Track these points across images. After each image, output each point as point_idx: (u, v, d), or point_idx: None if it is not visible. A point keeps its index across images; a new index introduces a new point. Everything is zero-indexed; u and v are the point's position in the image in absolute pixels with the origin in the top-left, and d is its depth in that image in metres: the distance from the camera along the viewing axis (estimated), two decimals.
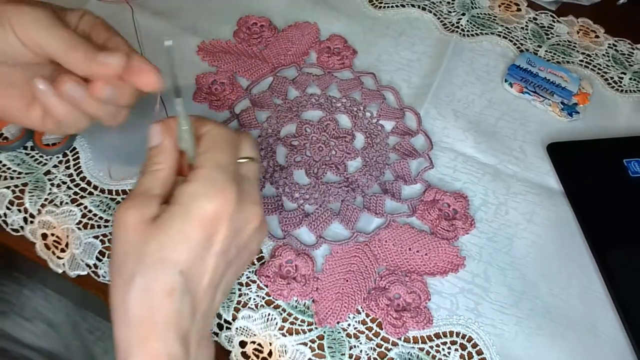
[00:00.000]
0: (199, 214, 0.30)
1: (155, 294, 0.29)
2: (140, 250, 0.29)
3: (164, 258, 0.29)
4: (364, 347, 0.40)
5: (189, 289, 0.30)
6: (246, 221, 0.32)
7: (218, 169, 0.31)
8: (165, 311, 0.29)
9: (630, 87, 0.57)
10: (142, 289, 0.29)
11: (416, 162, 0.49)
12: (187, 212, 0.30)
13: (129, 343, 0.29)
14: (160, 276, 0.29)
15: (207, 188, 0.30)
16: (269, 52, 0.55)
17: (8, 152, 0.46)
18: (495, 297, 0.42)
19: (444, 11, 0.61)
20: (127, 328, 0.29)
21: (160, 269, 0.29)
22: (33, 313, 0.54)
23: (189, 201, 0.30)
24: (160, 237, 0.29)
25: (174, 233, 0.30)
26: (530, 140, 0.52)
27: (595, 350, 0.41)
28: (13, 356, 0.51)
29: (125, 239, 0.30)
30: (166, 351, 0.29)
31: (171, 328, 0.29)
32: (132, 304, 0.29)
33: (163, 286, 0.29)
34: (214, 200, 0.30)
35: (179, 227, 0.30)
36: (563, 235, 0.46)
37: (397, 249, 0.43)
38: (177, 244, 0.30)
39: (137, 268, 0.29)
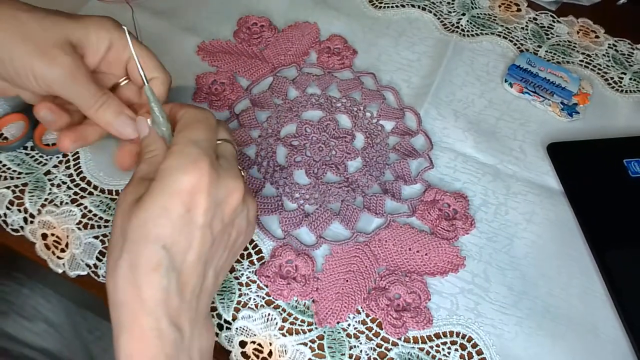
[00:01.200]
0: (175, 187, 0.30)
1: (141, 270, 0.30)
2: (125, 229, 0.30)
3: (147, 233, 0.30)
4: (364, 347, 0.40)
5: (174, 265, 0.30)
6: (226, 194, 0.32)
7: (190, 144, 0.32)
8: (151, 287, 0.30)
9: (630, 87, 0.57)
10: (128, 266, 0.30)
11: (416, 162, 0.49)
12: (164, 186, 0.31)
13: (119, 321, 0.30)
14: (144, 251, 0.30)
15: (180, 162, 0.31)
16: (269, 52, 0.55)
17: (8, 152, 0.46)
18: (495, 297, 0.42)
19: (444, 11, 0.61)
20: (116, 307, 0.30)
21: (144, 244, 0.30)
22: (33, 312, 0.54)
23: (165, 176, 0.31)
24: (141, 214, 0.30)
25: (154, 208, 0.30)
26: (530, 140, 0.52)
27: (595, 350, 0.41)
28: (13, 355, 0.51)
29: (119, 221, 0.31)
30: (155, 326, 0.30)
31: (159, 304, 0.30)
32: (120, 281, 0.30)
33: (148, 261, 0.30)
34: (188, 173, 0.31)
35: (158, 201, 0.30)
36: (563, 235, 0.46)
37: (397, 249, 0.43)
38: (158, 219, 0.30)
39: (123, 246, 0.30)
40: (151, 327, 0.30)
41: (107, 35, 0.38)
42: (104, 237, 0.43)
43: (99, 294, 0.42)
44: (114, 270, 0.30)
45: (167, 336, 0.30)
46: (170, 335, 0.30)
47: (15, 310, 0.54)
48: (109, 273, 0.31)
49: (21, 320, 0.53)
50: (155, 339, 0.30)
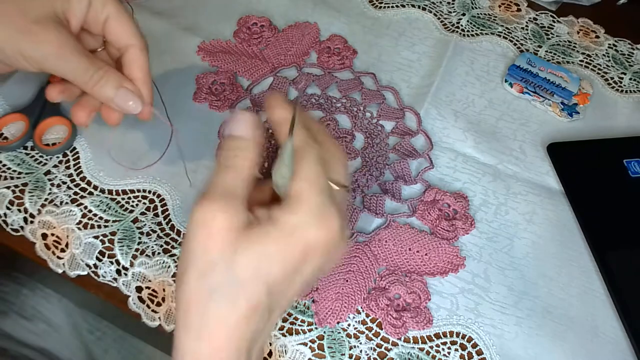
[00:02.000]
0: (302, 241, 0.28)
1: (240, 308, 0.27)
2: (232, 260, 0.27)
3: (258, 274, 0.27)
4: (364, 347, 0.40)
5: (270, 307, 0.28)
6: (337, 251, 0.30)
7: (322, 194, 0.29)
8: (245, 328, 0.27)
9: (631, 87, 0.57)
10: (228, 301, 0.27)
11: (416, 162, 0.49)
12: (290, 238, 0.28)
13: (199, 353, 0.27)
14: (249, 291, 0.27)
15: (312, 220, 0.28)
16: (269, 52, 0.55)
17: (8, 152, 0.46)
18: (495, 297, 0.42)
19: (444, 11, 0.61)
20: (200, 337, 0.27)
21: (252, 283, 0.27)
22: (33, 312, 0.54)
23: (294, 229, 0.28)
24: (256, 250, 0.27)
25: (271, 251, 0.27)
26: (530, 140, 0.52)
27: (595, 350, 0.41)
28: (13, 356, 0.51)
29: (212, 245, 0.27)
30: None
31: (245, 343, 0.28)
32: (213, 314, 0.27)
33: (249, 302, 0.27)
34: (319, 231, 0.28)
35: (282, 247, 0.28)
36: (563, 236, 0.46)
37: (397, 249, 0.43)
38: (273, 263, 0.27)
39: (225, 278, 0.27)
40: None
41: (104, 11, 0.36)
42: (103, 237, 0.43)
43: (98, 293, 0.42)
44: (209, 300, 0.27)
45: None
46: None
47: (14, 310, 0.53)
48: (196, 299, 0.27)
49: (21, 320, 0.53)
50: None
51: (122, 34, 0.37)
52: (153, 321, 0.41)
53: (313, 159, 0.29)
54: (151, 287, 0.41)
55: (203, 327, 0.27)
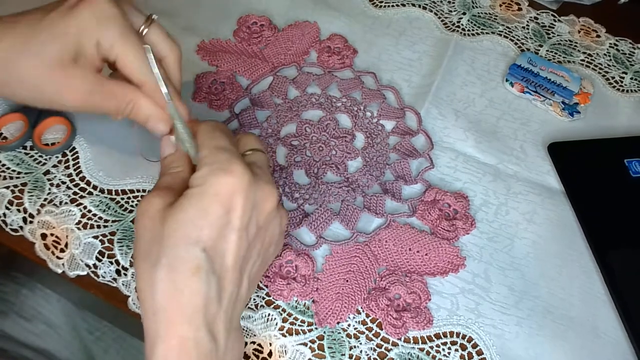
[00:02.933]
0: (214, 189, 0.30)
1: (181, 274, 0.29)
2: (162, 233, 0.30)
3: (186, 236, 0.29)
4: (364, 348, 0.40)
5: (213, 269, 0.30)
6: (262, 198, 0.32)
7: (219, 151, 0.32)
8: (191, 291, 0.29)
9: (632, 86, 0.56)
10: (168, 270, 0.29)
11: (416, 162, 0.49)
12: (203, 190, 0.30)
13: (155, 330, 0.29)
14: (184, 254, 0.29)
15: (214, 167, 0.31)
16: (269, 51, 0.55)
17: (7, 152, 0.46)
18: (496, 297, 0.42)
19: (444, 10, 0.61)
20: (154, 314, 0.29)
21: (183, 247, 0.29)
22: (32, 313, 0.54)
23: (202, 182, 0.31)
24: (179, 216, 0.30)
25: (192, 211, 0.30)
26: (531, 140, 0.52)
27: (596, 350, 0.40)
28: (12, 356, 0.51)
29: (150, 226, 0.30)
30: (193, 335, 0.29)
31: (198, 310, 0.29)
32: (159, 286, 0.29)
33: (188, 265, 0.29)
34: (226, 176, 0.31)
35: (197, 205, 0.30)
36: (564, 236, 0.46)
37: (397, 249, 0.43)
38: (197, 221, 0.30)
39: (161, 250, 0.29)
40: (189, 337, 0.29)
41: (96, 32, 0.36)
42: (103, 237, 0.43)
43: (98, 293, 0.42)
44: (151, 276, 0.29)
45: (204, 346, 0.29)
46: (207, 345, 0.29)
47: (14, 311, 0.53)
48: (143, 281, 0.30)
49: (20, 321, 0.53)
50: (193, 349, 0.29)
51: (131, 75, 0.37)
52: None
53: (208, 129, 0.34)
54: None
55: (153, 303, 0.29)
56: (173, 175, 0.34)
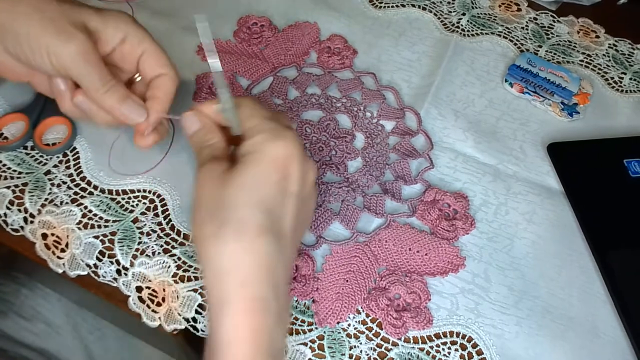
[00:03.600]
0: (272, 155, 0.31)
1: (247, 235, 0.30)
2: (223, 197, 0.31)
3: (248, 199, 0.30)
4: (364, 347, 0.40)
5: (275, 230, 0.31)
6: (308, 168, 0.34)
7: (270, 120, 0.33)
8: (259, 252, 0.30)
9: (631, 87, 0.57)
10: (234, 233, 0.30)
11: (416, 162, 0.49)
12: (260, 156, 0.32)
13: (222, 292, 0.29)
14: (249, 216, 0.30)
15: (270, 134, 0.32)
16: (269, 52, 0.55)
17: (8, 152, 0.46)
18: (496, 297, 0.42)
19: (444, 11, 0.61)
20: (220, 277, 0.30)
21: (248, 209, 0.30)
22: (32, 312, 0.54)
23: (259, 148, 0.32)
24: (239, 180, 0.31)
25: (252, 175, 0.31)
26: (530, 140, 0.52)
27: (596, 350, 0.41)
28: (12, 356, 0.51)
29: (211, 192, 0.31)
30: (261, 296, 0.29)
31: (265, 271, 0.30)
32: (227, 248, 0.30)
33: (253, 227, 0.30)
34: (281, 143, 0.32)
35: (256, 169, 0.31)
36: (563, 236, 0.46)
37: (397, 249, 0.43)
38: (258, 184, 0.31)
39: (225, 212, 0.30)
40: (258, 297, 0.29)
41: (124, 27, 0.39)
42: (103, 237, 0.43)
43: (98, 293, 0.42)
44: (217, 239, 0.30)
45: (271, 307, 0.30)
46: (273, 305, 0.30)
47: (14, 310, 0.54)
48: (207, 246, 0.30)
49: (20, 321, 0.53)
50: (260, 310, 0.29)
51: (156, 66, 0.40)
52: (153, 321, 0.41)
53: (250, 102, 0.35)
54: (151, 287, 0.41)
55: (221, 266, 0.30)
56: (211, 147, 0.35)
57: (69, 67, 0.36)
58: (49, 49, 0.35)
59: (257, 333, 0.29)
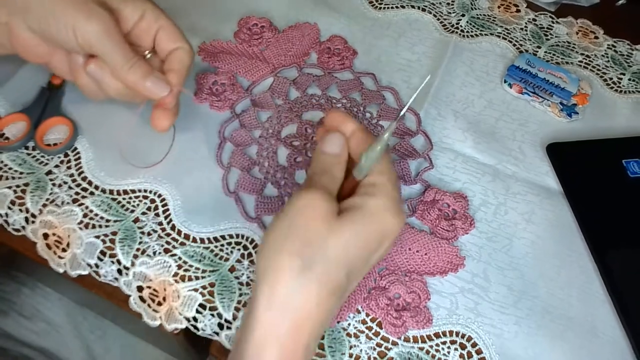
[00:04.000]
0: (381, 224, 0.32)
1: (325, 288, 0.30)
2: (327, 243, 0.30)
3: (345, 255, 0.30)
4: (364, 347, 0.40)
5: (343, 292, 0.31)
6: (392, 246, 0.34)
7: (395, 188, 0.33)
8: (324, 308, 0.30)
9: (629, 87, 0.57)
10: (318, 280, 0.30)
11: (416, 162, 0.49)
12: (373, 220, 0.31)
13: (277, 325, 0.30)
14: (334, 272, 0.30)
15: (391, 205, 0.32)
16: (269, 52, 0.55)
17: (9, 152, 0.46)
18: (495, 296, 0.43)
19: (443, 12, 0.61)
20: (284, 310, 0.30)
21: (339, 266, 0.30)
22: (33, 312, 0.54)
23: (376, 211, 0.32)
24: (345, 235, 0.31)
25: (358, 235, 0.31)
26: (529, 140, 0.52)
27: (595, 350, 0.41)
28: (13, 355, 0.51)
29: (313, 225, 0.30)
30: (306, 344, 0.30)
31: (319, 325, 0.30)
32: (304, 290, 0.29)
33: (333, 283, 0.30)
34: (395, 218, 0.32)
35: (364, 233, 0.31)
36: (562, 236, 0.46)
37: (397, 249, 0.44)
38: (356, 247, 0.31)
39: (320, 259, 0.30)
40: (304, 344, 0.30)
41: (141, 5, 0.40)
42: (104, 237, 0.43)
43: (99, 293, 0.42)
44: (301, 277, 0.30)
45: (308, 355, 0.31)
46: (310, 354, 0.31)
47: (15, 310, 0.54)
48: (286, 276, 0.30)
49: (21, 320, 0.53)
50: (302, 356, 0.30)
51: (172, 40, 0.41)
52: (154, 321, 0.41)
53: (389, 160, 0.35)
54: (152, 286, 0.41)
55: (288, 302, 0.29)
56: (332, 178, 0.34)
57: (93, 44, 0.37)
58: (74, 25, 0.36)
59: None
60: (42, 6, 0.36)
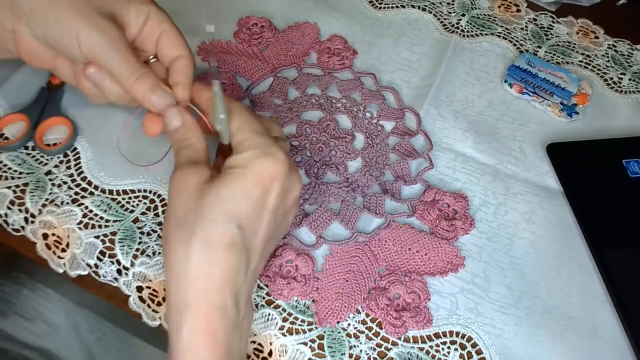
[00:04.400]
0: (258, 172, 0.32)
1: (216, 246, 0.30)
2: (201, 206, 0.31)
3: (225, 211, 0.31)
4: (364, 347, 0.40)
5: (245, 245, 0.31)
6: (292, 185, 0.34)
7: (261, 135, 0.34)
8: (224, 264, 0.30)
9: (630, 87, 0.57)
10: (203, 241, 0.30)
11: (416, 162, 0.49)
12: (247, 172, 0.32)
13: (185, 298, 0.30)
14: (221, 228, 0.31)
15: (259, 151, 0.33)
16: (269, 52, 0.55)
17: (9, 152, 0.46)
18: (495, 297, 0.43)
19: (443, 12, 0.61)
20: (185, 283, 0.31)
21: (221, 221, 0.31)
22: (33, 313, 0.54)
23: (247, 164, 0.32)
24: (220, 192, 0.31)
25: (234, 189, 0.32)
26: (529, 140, 0.52)
27: (595, 350, 0.41)
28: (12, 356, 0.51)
29: (186, 198, 0.32)
30: (221, 305, 0.30)
31: (227, 282, 0.31)
32: (193, 257, 0.30)
33: (223, 239, 0.31)
34: (269, 161, 0.32)
35: (239, 184, 0.32)
36: (562, 235, 0.46)
37: (397, 249, 0.43)
38: (237, 198, 0.31)
39: (198, 222, 0.31)
40: (217, 305, 0.30)
41: (145, 8, 0.39)
42: (104, 237, 0.43)
43: (99, 293, 0.42)
44: (186, 246, 0.31)
45: (229, 315, 0.31)
46: (232, 313, 0.31)
47: (15, 311, 0.54)
48: (176, 251, 0.31)
49: (21, 321, 0.53)
50: (219, 317, 0.31)
51: (174, 47, 0.40)
52: (153, 321, 0.41)
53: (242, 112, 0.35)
54: (152, 287, 0.41)
55: (186, 273, 0.30)
56: (191, 147, 0.35)
57: (97, 54, 0.37)
58: (78, 35, 0.36)
59: (215, 339, 0.30)
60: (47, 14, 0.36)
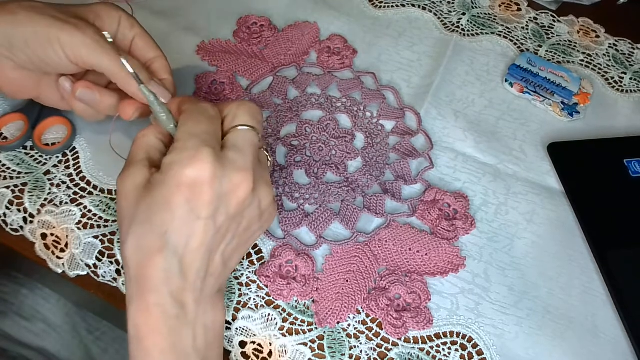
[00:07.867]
0: (176, 180, 0.32)
1: (145, 251, 0.32)
2: (133, 212, 0.33)
3: (151, 220, 0.32)
4: (364, 348, 0.40)
5: (176, 250, 0.32)
6: (230, 189, 0.33)
7: (191, 137, 0.33)
8: (154, 268, 0.32)
9: (631, 87, 0.57)
10: (134, 247, 0.32)
11: (416, 162, 0.49)
12: (166, 179, 0.32)
13: (130, 294, 0.33)
14: (148, 235, 0.32)
15: (180, 156, 0.32)
16: (269, 51, 0.55)
17: (7, 152, 0.46)
18: (496, 297, 0.42)
19: (444, 11, 0.61)
20: (129, 281, 0.33)
21: (149, 228, 0.32)
22: (32, 313, 0.54)
23: (167, 170, 0.32)
24: (148, 200, 0.32)
25: (157, 198, 0.32)
26: (530, 140, 0.52)
27: (596, 350, 0.41)
28: (11, 356, 0.51)
29: (125, 204, 0.33)
30: (158, 302, 0.32)
31: (161, 283, 0.32)
32: (129, 260, 0.32)
33: (151, 244, 0.32)
34: (189, 166, 0.32)
35: (161, 192, 0.32)
36: (563, 236, 0.46)
37: (398, 249, 0.43)
38: (161, 208, 0.32)
39: (130, 228, 0.32)
40: (155, 303, 0.32)
41: (115, 14, 0.40)
42: (103, 237, 0.43)
43: (98, 293, 0.42)
44: (125, 246, 0.33)
45: (170, 311, 0.32)
46: (173, 310, 0.32)
47: (14, 311, 0.53)
48: (121, 246, 0.33)
49: (20, 321, 0.53)
50: (159, 313, 0.32)
51: (149, 48, 0.42)
52: None
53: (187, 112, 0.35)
54: None
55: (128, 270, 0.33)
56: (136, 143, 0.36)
57: (84, 55, 0.37)
58: (60, 40, 0.36)
59: (157, 332, 0.32)
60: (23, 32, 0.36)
